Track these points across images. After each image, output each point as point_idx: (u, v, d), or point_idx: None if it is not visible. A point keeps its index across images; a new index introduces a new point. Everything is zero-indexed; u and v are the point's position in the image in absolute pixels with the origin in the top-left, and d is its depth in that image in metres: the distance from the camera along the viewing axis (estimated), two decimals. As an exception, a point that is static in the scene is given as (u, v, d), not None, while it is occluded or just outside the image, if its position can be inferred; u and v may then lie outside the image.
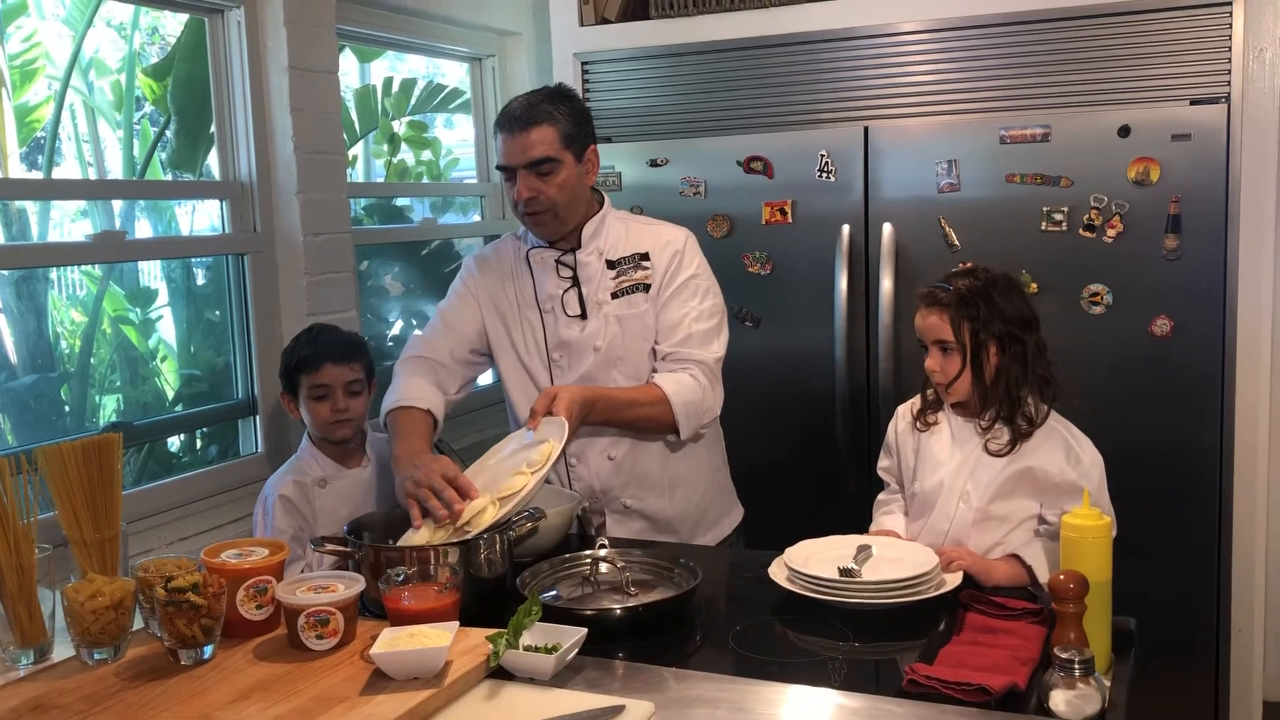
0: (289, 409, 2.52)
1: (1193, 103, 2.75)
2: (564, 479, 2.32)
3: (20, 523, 1.62)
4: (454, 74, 3.92)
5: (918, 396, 2.13)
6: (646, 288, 2.30)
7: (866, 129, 3.03)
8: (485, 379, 3.74)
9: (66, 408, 2.88)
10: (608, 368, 2.28)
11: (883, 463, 2.21)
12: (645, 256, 2.31)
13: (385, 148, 3.91)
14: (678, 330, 2.27)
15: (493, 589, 1.83)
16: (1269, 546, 2.85)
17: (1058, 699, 1.39)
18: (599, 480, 2.30)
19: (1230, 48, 2.73)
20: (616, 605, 1.77)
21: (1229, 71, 2.73)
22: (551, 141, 2.20)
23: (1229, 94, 2.73)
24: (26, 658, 1.61)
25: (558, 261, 2.32)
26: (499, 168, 2.27)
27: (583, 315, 2.30)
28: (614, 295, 2.29)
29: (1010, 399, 1.97)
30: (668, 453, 2.31)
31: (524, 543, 1.99)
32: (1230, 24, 2.73)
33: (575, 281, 2.30)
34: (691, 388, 2.23)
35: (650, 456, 2.31)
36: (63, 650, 1.63)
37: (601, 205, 2.36)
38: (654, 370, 2.28)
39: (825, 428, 3.10)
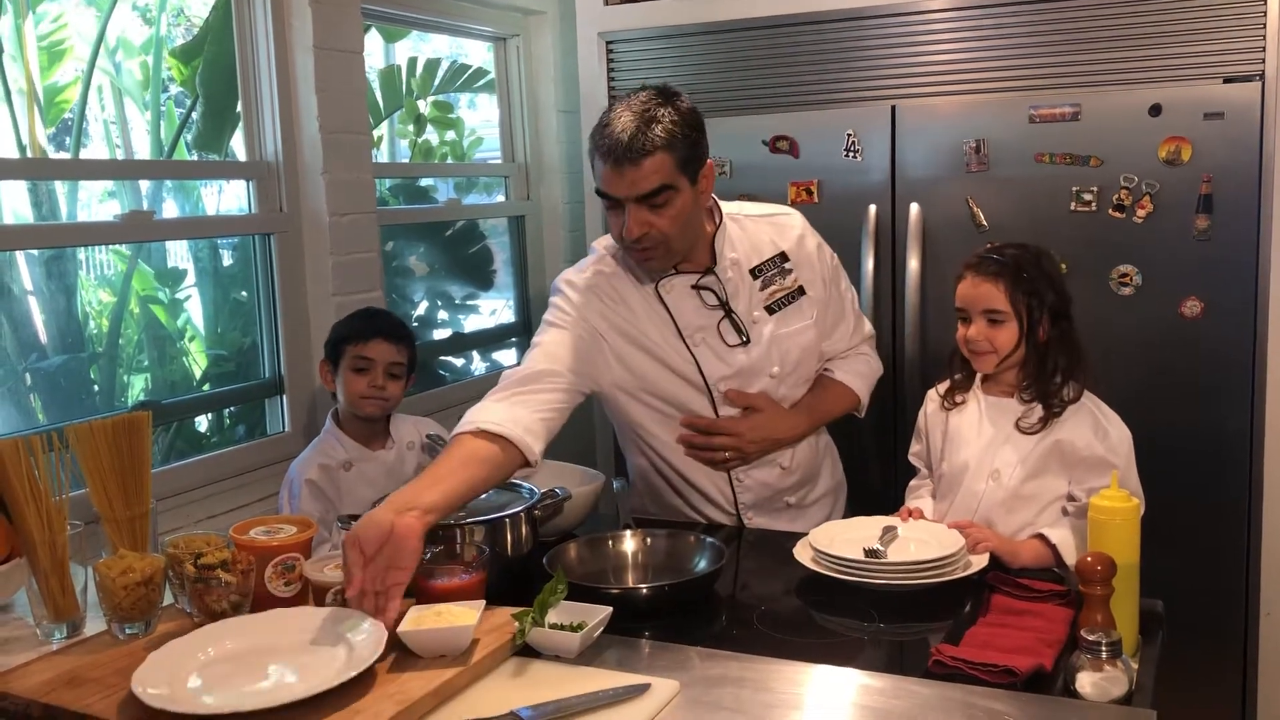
0: (324, 379, 2.54)
1: (1226, 80, 2.70)
2: (727, 485, 2.21)
3: (53, 500, 1.64)
4: (477, 54, 3.91)
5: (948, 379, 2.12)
6: (802, 291, 2.15)
7: (894, 108, 3.00)
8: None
9: (96, 387, 2.90)
10: (782, 387, 2.15)
11: (914, 448, 2.19)
12: (784, 256, 2.13)
13: (410, 128, 3.91)
14: (845, 322, 2.25)
15: (519, 567, 1.84)
16: (1299, 530, 2.82)
17: (1084, 681, 1.39)
18: (766, 487, 2.21)
19: (1265, 24, 2.68)
20: (642, 584, 1.77)
21: (1263, 49, 2.69)
22: (666, 169, 1.89)
23: (1263, 71, 2.68)
24: (60, 632, 1.64)
25: (695, 287, 2.08)
26: (599, 194, 1.96)
27: (745, 341, 2.11)
28: (769, 310, 2.12)
29: (1052, 375, 1.95)
30: (817, 445, 2.30)
31: (549, 522, 2.00)
32: (1265, 0, 2.68)
33: (725, 307, 2.09)
34: (865, 364, 2.29)
35: (807, 450, 2.26)
36: (94, 625, 1.65)
37: (719, 214, 2.12)
38: (826, 368, 2.26)
39: (850, 409, 3.09)
